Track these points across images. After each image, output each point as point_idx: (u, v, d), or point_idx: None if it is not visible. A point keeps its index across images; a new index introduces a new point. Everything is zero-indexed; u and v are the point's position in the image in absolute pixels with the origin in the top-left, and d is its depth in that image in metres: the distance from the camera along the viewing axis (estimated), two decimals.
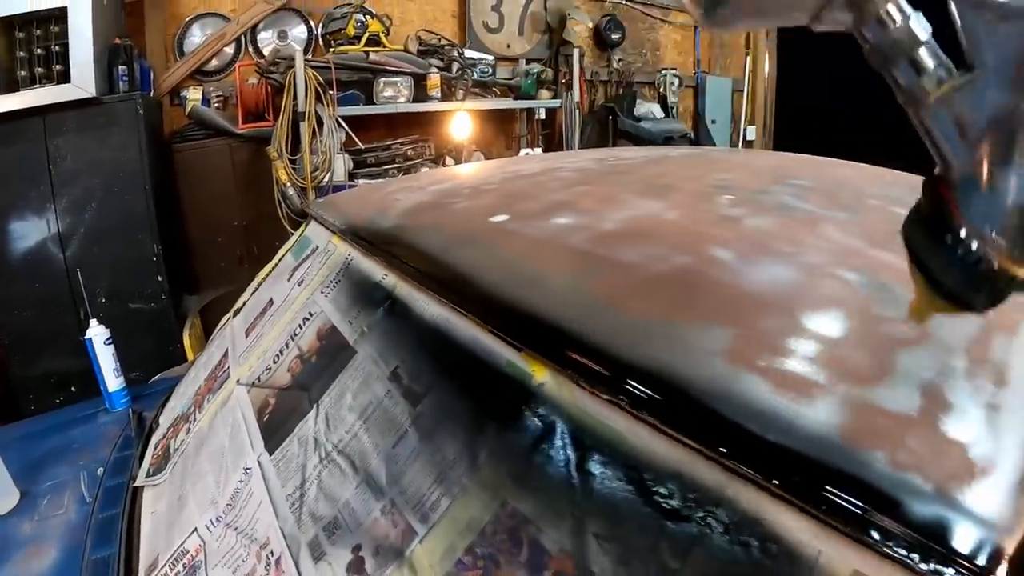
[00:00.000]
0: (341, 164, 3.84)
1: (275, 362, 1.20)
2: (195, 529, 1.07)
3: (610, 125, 5.03)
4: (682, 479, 0.55)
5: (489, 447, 0.69)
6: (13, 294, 3.45)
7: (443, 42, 4.47)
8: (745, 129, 6.50)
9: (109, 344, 2.08)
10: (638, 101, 5.32)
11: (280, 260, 1.86)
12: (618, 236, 0.86)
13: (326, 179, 3.82)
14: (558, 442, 0.63)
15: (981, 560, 0.44)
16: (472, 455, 0.68)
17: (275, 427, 1.02)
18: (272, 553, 0.85)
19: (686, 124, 5.86)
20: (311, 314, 1.22)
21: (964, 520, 0.46)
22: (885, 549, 0.46)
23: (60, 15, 3.34)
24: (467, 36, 4.86)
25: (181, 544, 1.09)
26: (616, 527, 0.56)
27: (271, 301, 1.58)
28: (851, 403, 0.55)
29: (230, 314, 2.08)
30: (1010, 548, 0.45)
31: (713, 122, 6.17)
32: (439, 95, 4.17)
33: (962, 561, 0.44)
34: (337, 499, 0.80)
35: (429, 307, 0.88)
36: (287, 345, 1.21)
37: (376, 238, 1.13)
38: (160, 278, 3.60)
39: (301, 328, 1.21)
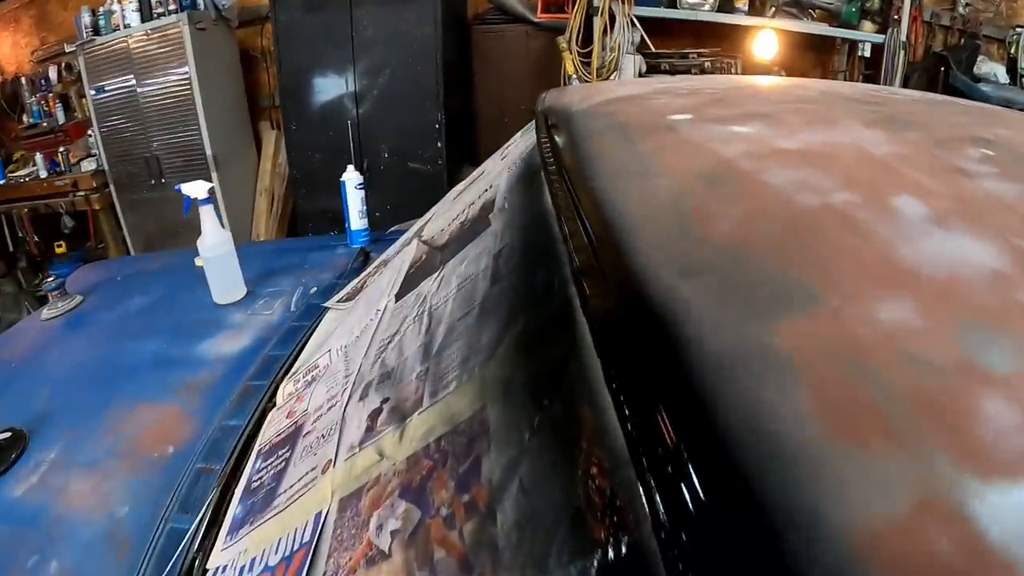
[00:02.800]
0: (631, 64, 3.72)
1: (448, 225, 1.23)
2: (330, 350, 1.15)
3: (940, 78, 4.21)
4: None
5: (506, 349, 0.62)
6: (309, 138, 3.96)
7: None
8: None
9: (360, 189, 2.29)
10: (980, 57, 4.29)
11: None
12: (786, 155, 0.70)
13: (613, 77, 3.74)
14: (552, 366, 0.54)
15: None
16: (492, 350, 0.63)
17: (412, 279, 1.05)
18: (347, 381, 0.88)
19: None
20: (491, 187, 1.21)
21: None
22: None
23: None
24: None
25: (317, 358, 1.18)
26: (544, 488, 0.48)
27: (484, 171, 1.60)
28: None
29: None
30: None
31: None
32: (746, 8, 3.82)
33: None
34: (404, 353, 0.80)
35: (548, 194, 0.80)
36: (463, 211, 1.22)
37: (557, 120, 1.06)
38: (439, 144, 3.87)
39: (479, 198, 1.21)
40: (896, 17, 3.99)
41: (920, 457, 0.33)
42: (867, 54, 4.13)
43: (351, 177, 2.28)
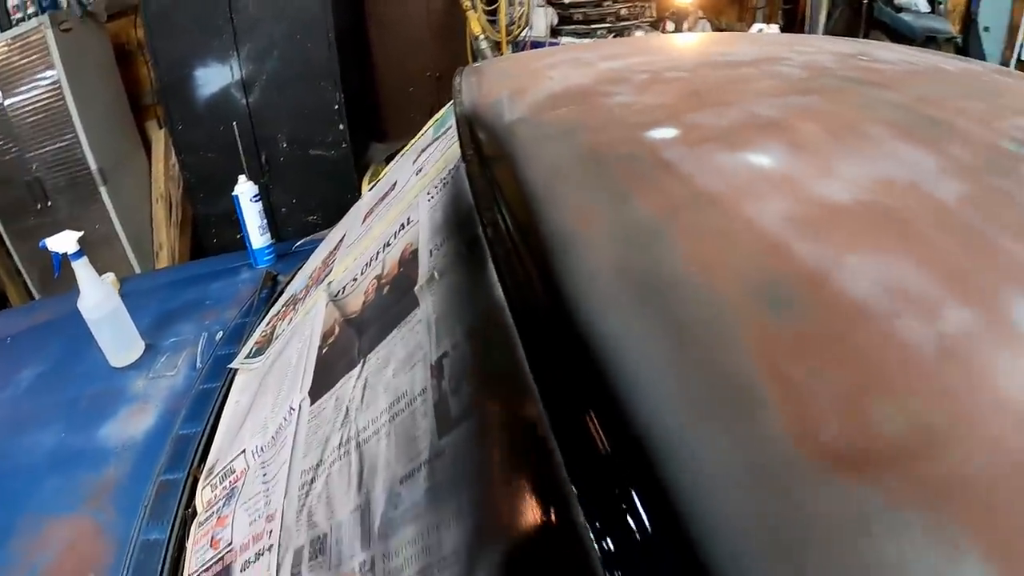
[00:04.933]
0: (543, 18, 3.51)
1: (361, 274, 1.02)
2: (244, 451, 0.96)
3: (863, 11, 4.16)
4: None
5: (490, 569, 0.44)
6: (198, 136, 3.59)
7: None
8: (1023, 46, 5.17)
9: (256, 201, 2.04)
10: None
11: (423, 132, 1.65)
12: (846, 222, 0.50)
13: (523, 34, 3.52)
14: None
15: None
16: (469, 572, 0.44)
17: (326, 369, 0.85)
18: (270, 534, 0.70)
19: (953, 25, 4.77)
20: (409, 221, 1.01)
21: None
22: None
23: None
24: None
25: (232, 461, 0.98)
26: None
27: (394, 184, 1.40)
28: None
29: (374, 181, 1.94)
30: None
31: (986, 30, 4.91)
32: None
33: None
34: (334, 511, 0.61)
35: (506, 274, 0.55)
36: (376, 255, 1.02)
37: (489, 134, 0.83)
38: (342, 126, 3.54)
39: (395, 238, 1.01)
40: None
41: None
42: None
43: (245, 190, 2.02)
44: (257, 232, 2.02)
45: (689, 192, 0.55)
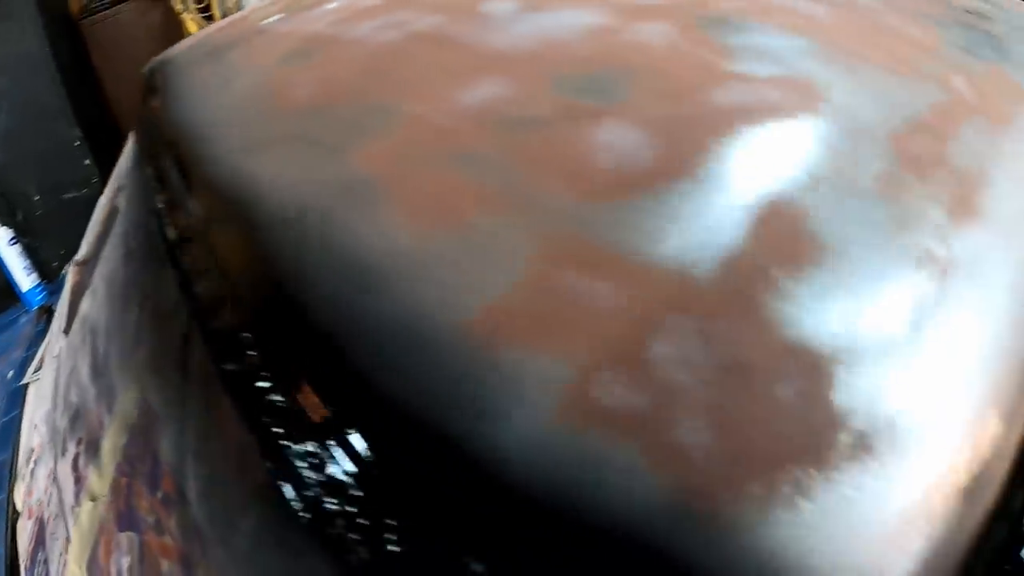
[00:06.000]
0: (257, 3, 3.48)
1: (94, 236, 1.08)
2: (36, 425, 1.00)
3: None
4: None
5: (144, 330, 0.56)
6: None
7: None
8: None
9: (14, 244, 1.99)
10: None
11: None
12: (370, 12, 0.66)
13: None
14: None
15: None
16: (137, 336, 0.56)
17: (72, 306, 0.92)
18: (52, 445, 0.77)
19: None
20: (119, 176, 1.08)
21: None
22: None
23: None
24: None
25: (33, 441, 1.02)
26: (210, 446, 0.44)
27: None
28: None
29: None
30: None
31: None
32: None
33: None
34: (82, 383, 0.70)
35: (156, 150, 0.70)
36: (102, 212, 1.08)
37: (154, 75, 0.94)
38: (87, 162, 3.40)
39: (111, 195, 1.07)
40: None
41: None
42: None
43: None
44: (23, 275, 1.98)
45: (265, 38, 0.70)
